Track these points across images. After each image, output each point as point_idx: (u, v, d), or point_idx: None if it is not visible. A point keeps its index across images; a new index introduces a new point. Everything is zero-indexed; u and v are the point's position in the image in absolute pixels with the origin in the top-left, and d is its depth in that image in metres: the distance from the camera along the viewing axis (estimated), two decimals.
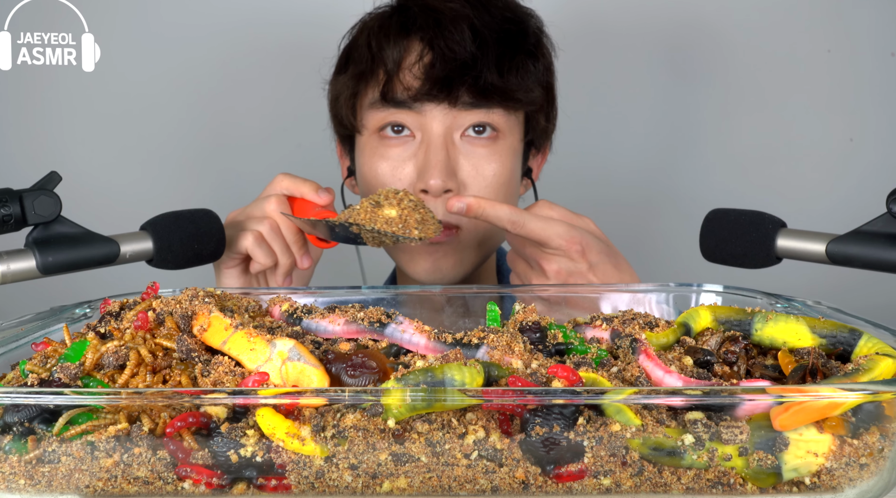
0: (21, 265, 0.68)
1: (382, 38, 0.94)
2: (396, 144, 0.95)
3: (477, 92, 0.91)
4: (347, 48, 1.00)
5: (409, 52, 0.93)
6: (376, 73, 0.94)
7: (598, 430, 0.46)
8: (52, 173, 0.71)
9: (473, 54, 0.90)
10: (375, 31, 0.96)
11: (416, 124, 0.94)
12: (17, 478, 0.48)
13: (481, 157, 0.94)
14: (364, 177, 0.98)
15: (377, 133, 0.96)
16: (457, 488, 0.48)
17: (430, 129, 0.93)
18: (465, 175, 0.93)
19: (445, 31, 0.91)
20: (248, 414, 0.47)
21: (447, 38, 0.91)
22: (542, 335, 0.57)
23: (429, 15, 0.93)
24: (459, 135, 0.94)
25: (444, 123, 0.93)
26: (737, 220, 0.76)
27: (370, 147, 0.97)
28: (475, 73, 0.90)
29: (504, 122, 0.95)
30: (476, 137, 0.94)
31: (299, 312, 0.62)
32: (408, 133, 0.94)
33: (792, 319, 0.58)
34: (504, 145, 0.95)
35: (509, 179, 0.96)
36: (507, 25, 0.94)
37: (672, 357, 0.55)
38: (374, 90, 0.95)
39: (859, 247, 0.67)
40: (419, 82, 0.91)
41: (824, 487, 0.47)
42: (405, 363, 0.53)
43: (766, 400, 0.46)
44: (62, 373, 0.52)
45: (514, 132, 0.97)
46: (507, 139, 0.95)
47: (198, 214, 0.80)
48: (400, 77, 0.92)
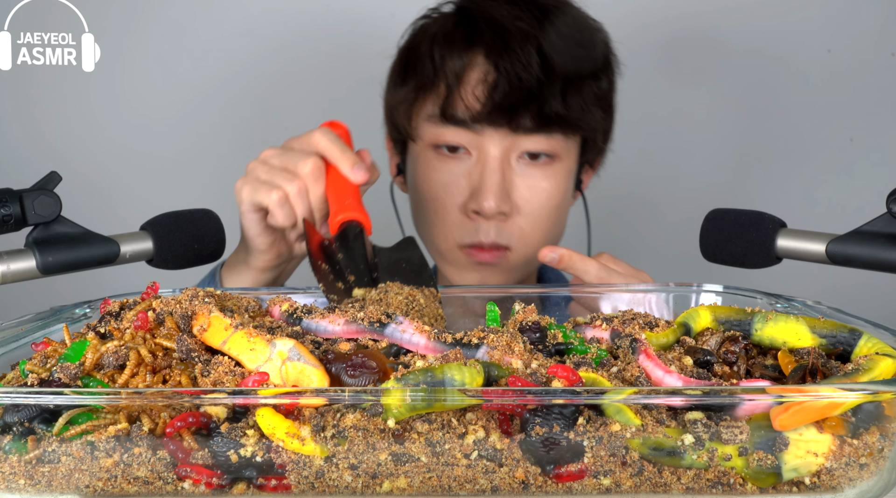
0: (21, 265, 0.68)
1: (446, 50, 0.91)
2: (452, 160, 0.93)
3: (540, 120, 0.89)
4: (406, 50, 0.96)
5: (471, 66, 0.90)
6: (437, 86, 0.91)
7: (597, 430, 0.46)
8: (52, 173, 0.70)
9: (539, 80, 0.87)
10: (439, 40, 0.92)
11: (473, 143, 0.91)
12: (17, 478, 0.48)
13: (537, 179, 0.92)
14: (416, 187, 0.97)
15: (433, 147, 0.94)
16: (457, 488, 0.48)
17: (487, 151, 0.90)
18: (518, 197, 0.92)
19: (512, 52, 0.88)
20: (248, 414, 0.47)
21: (513, 60, 0.87)
22: (542, 335, 0.57)
23: (496, 31, 0.89)
24: (516, 157, 0.92)
25: (501, 145, 0.90)
26: (737, 220, 0.76)
27: (424, 159, 0.95)
28: (540, 101, 0.87)
29: (562, 147, 0.93)
30: (532, 161, 0.92)
31: (299, 312, 0.62)
32: (463, 150, 0.92)
33: (792, 319, 0.58)
34: (560, 168, 0.93)
35: (562, 201, 0.95)
36: (576, 49, 0.91)
37: (672, 357, 0.55)
38: (434, 104, 0.92)
39: (859, 247, 0.67)
40: (480, 105, 0.88)
41: (824, 487, 0.47)
42: (405, 363, 0.53)
43: (766, 400, 0.46)
44: (62, 373, 0.52)
45: (570, 155, 0.95)
46: (564, 162, 0.94)
47: (198, 214, 0.80)
48: (461, 94, 0.89)
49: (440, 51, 0.91)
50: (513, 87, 0.87)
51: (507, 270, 0.96)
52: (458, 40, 0.90)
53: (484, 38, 0.89)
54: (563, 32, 0.90)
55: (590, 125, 0.93)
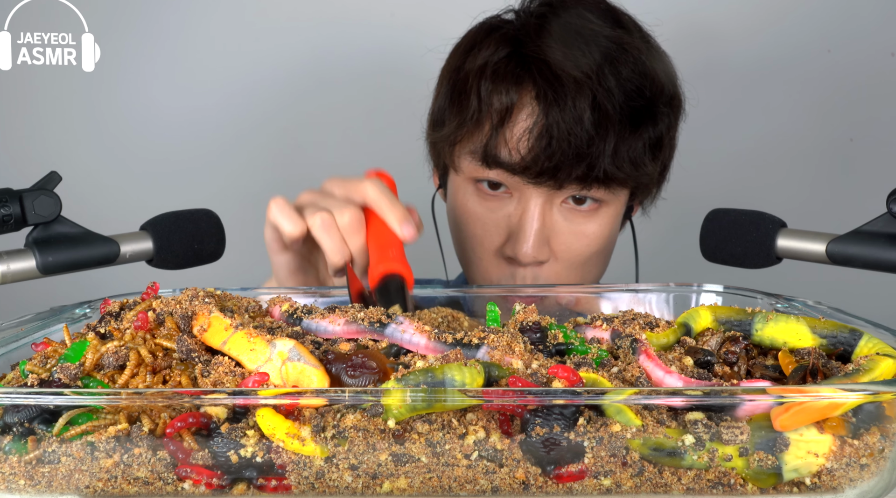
0: (21, 265, 0.68)
1: (492, 84, 0.83)
2: (492, 198, 0.88)
3: (585, 179, 0.82)
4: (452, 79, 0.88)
5: (519, 107, 0.82)
6: (482, 124, 0.84)
7: (598, 430, 0.46)
8: (52, 173, 0.70)
9: (590, 137, 0.80)
10: (488, 74, 0.84)
11: (516, 185, 0.86)
12: (17, 478, 0.48)
13: (580, 225, 0.86)
14: (455, 219, 0.92)
15: (473, 181, 0.89)
16: (457, 489, 0.48)
17: (529, 197, 0.85)
18: (557, 245, 0.87)
19: (563, 102, 0.80)
20: (248, 414, 0.47)
21: (563, 112, 0.79)
22: (542, 335, 0.57)
23: (548, 73, 0.81)
24: (560, 202, 0.86)
25: (543, 194, 0.85)
26: (737, 220, 0.76)
27: (464, 192, 0.90)
28: (588, 161, 0.80)
29: (609, 195, 0.86)
30: (576, 206, 0.86)
31: (299, 312, 0.62)
32: (504, 189, 0.87)
33: (792, 319, 0.58)
34: (606, 213, 0.88)
35: (605, 246, 0.89)
36: (634, 101, 0.82)
37: (672, 357, 0.55)
38: (476, 141, 0.85)
39: (859, 247, 0.67)
40: (522, 155, 0.82)
41: (825, 487, 0.47)
42: (405, 363, 0.53)
43: (766, 400, 0.46)
44: (62, 373, 0.52)
45: (618, 201, 0.88)
46: (610, 209, 0.88)
47: (198, 214, 0.80)
48: (506, 137, 0.83)
49: (487, 85, 0.83)
50: (560, 143, 0.80)
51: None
52: (507, 77, 0.83)
53: (535, 78, 0.82)
54: (622, 78, 0.81)
55: (640, 180, 0.86)
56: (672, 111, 0.88)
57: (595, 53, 0.81)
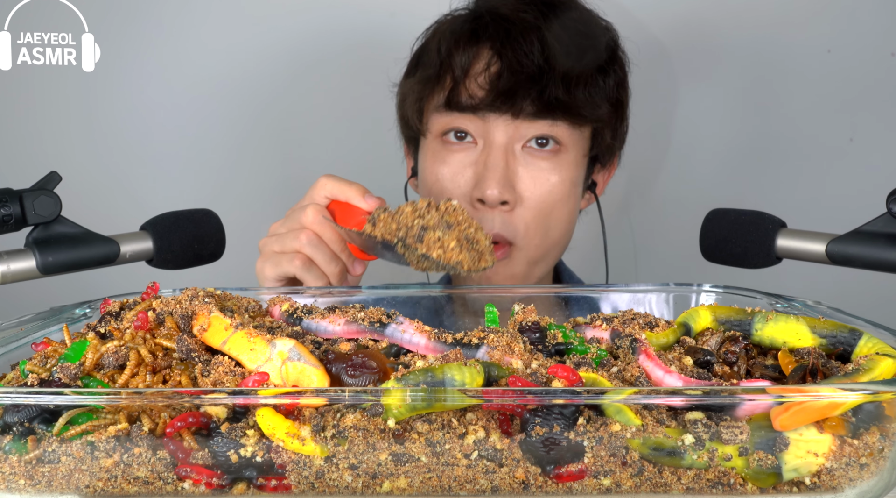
0: (21, 265, 0.68)
1: (452, 44, 0.93)
2: (458, 150, 0.94)
3: (541, 105, 0.90)
4: (419, 51, 1.00)
5: (477, 59, 0.92)
6: (443, 79, 0.94)
7: (598, 430, 0.46)
8: (52, 173, 0.71)
9: (540, 67, 0.89)
10: (447, 36, 0.95)
11: (479, 131, 0.93)
12: (17, 478, 0.48)
13: (542, 170, 0.92)
14: (425, 180, 0.98)
15: (440, 138, 0.95)
16: (457, 488, 0.48)
17: (493, 138, 0.92)
18: (522, 187, 0.92)
19: (514, 41, 0.90)
20: (248, 414, 0.47)
21: (515, 48, 0.90)
22: (541, 335, 0.57)
23: (500, 24, 0.92)
24: (521, 146, 0.92)
25: (506, 133, 0.91)
26: (737, 220, 0.76)
27: (432, 151, 0.96)
28: (540, 86, 0.89)
29: (568, 136, 0.93)
30: (538, 150, 0.93)
31: (299, 312, 0.62)
32: (470, 140, 0.93)
33: (792, 319, 0.58)
34: (566, 159, 0.94)
35: (568, 194, 0.95)
36: (579, 39, 0.93)
37: (672, 357, 0.55)
38: (440, 95, 0.94)
39: (859, 247, 0.67)
40: (484, 92, 0.91)
41: (824, 487, 0.47)
42: (405, 363, 0.53)
43: (766, 400, 0.46)
44: (62, 373, 0.52)
45: (577, 146, 0.95)
46: (570, 153, 0.94)
47: (198, 214, 0.80)
48: (466, 84, 0.92)
49: (447, 45, 0.93)
50: (514, 74, 0.89)
51: (510, 268, 0.95)
52: (464, 35, 0.93)
53: (489, 31, 0.92)
54: (566, 25, 0.93)
55: (595, 115, 0.93)
56: (617, 71, 0.97)
57: (542, 5, 0.94)
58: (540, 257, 0.96)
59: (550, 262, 0.99)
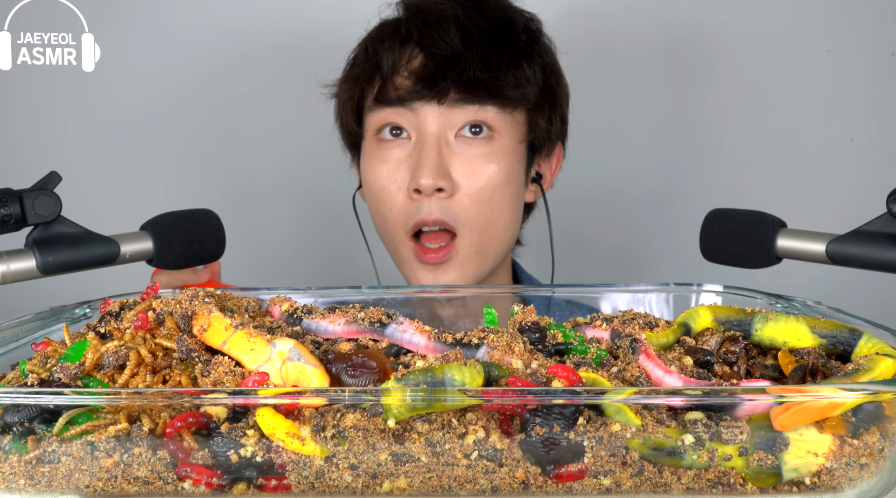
0: (21, 265, 0.68)
1: (379, 44, 0.96)
2: (393, 147, 0.95)
3: (463, 87, 0.91)
4: (352, 58, 1.02)
5: (403, 56, 0.95)
6: (373, 78, 0.96)
7: (598, 430, 0.46)
8: (52, 173, 0.70)
9: (459, 51, 0.91)
10: (374, 38, 0.98)
11: (412, 124, 0.94)
12: (17, 478, 0.48)
13: (475, 157, 0.93)
14: (365, 180, 0.98)
15: (376, 137, 0.96)
16: (457, 488, 0.48)
17: (424, 129, 0.93)
18: (458, 175, 0.92)
19: (433, 30, 0.93)
20: (248, 414, 0.47)
21: (434, 36, 0.92)
22: (541, 335, 0.57)
23: (419, 17, 0.95)
24: (454, 135, 0.93)
25: (437, 122, 0.93)
26: (737, 220, 0.76)
27: (370, 151, 0.97)
28: (460, 68, 0.91)
29: (499, 122, 0.94)
30: (471, 137, 0.93)
31: (299, 312, 0.62)
32: (405, 135, 0.94)
33: (792, 319, 0.58)
34: (500, 145, 0.94)
35: (506, 181, 0.95)
36: (497, 24, 0.95)
37: (672, 357, 0.55)
38: (372, 95, 0.96)
39: (859, 247, 0.67)
40: (409, 82, 0.92)
41: (824, 487, 0.47)
42: (405, 363, 0.53)
43: (766, 400, 0.46)
44: (62, 373, 0.52)
45: (510, 132, 0.95)
46: (504, 139, 0.94)
47: (198, 214, 0.80)
48: (393, 79, 0.94)
49: (374, 47, 0.96)
50: (434, 59, 0.92)
51: (458, 264, 0.94)
52: (389, 35, 0.96)
53: (412, 27, 0.95)
54: (485, 13, 0.95)
55: (519, 95, 0.94)
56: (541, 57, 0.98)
57: None
58: (488, 248, 0.95)
59: (500, 253, 0.98)
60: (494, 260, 0.98)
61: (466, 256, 0.94)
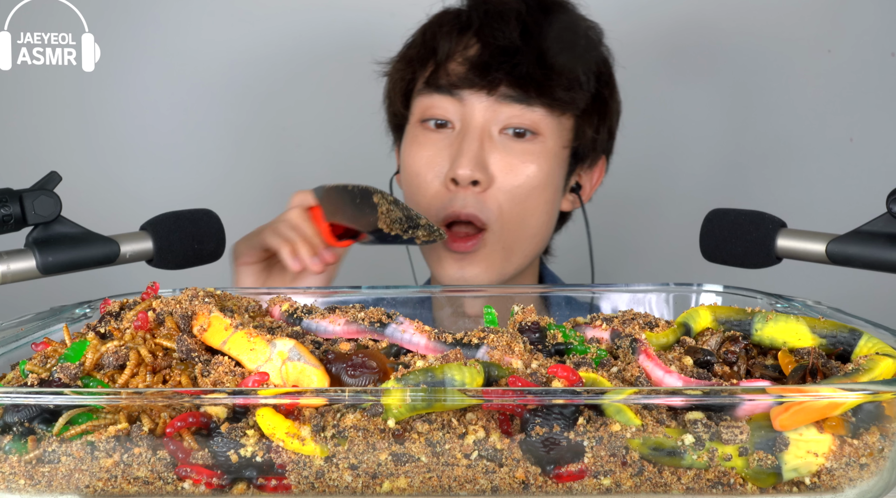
0: (21, 265, 0.67)
1: (437, 29, 0.96)
2: (437, 135, 0.94)
3: (514, 81, 0.90)
4: (409, 42, 1.02)
5: (459, 44, 0.94)
6: (427, 62, 0.96)
7: (598, 430, 0.46)
8: (52, 173, 0.70)
9: (516, 45, 0.91)
10: (433, 24, 0.98)
11: (458, 114, 0.93)
12: (17, 478, 0.48)
13: (516, 154, 0.92)
14: (403, 164, 0.98)
15: (420, 124, 0.96)
16: (457, 488, 0.48)
17: (470, 120, 0.92)
18: (496, 169, 0.92)
19: (494, 21, 0.93)
20: (248, 414, 0.47)
21: (493, 27, 0.92)
22: (541, 335, 0.57)
23: (482, 8, 0.95)
24: (498, 130, 0.93)
25: (483, 114, 0.92)
26: (737, 220, 0.76)
27: (412, 135, 0.97)
28: (514, 61, 0.90)
29: (545, 124, 0.93)
30: (515, 138, 0.93)
31: (299, 312, 0.62)
32: (450, 125, 0.94)
33: (792, 319, 0.58)
34: (543, 146, 0.93)
35: (544, 183, 0.94)
36: (558, 25, 0.95)
37: (672, 357, 0.55)
38: (423, 78, 0.96)
39: (859, 247, 0.67)
40: (462, 70, 0.92)
41: (824, 487, 0.47)
42: (405, 363, 0.53)
43: (766, 400, 0.46)
44: (62, 373, 0.52)
45: (555, 135, 0.94)
46: (548, 141, 0.94)
47: (198, 214, 0.79)
48: (447, 65, 0.94)
49: (432, 31, 0.97)
50: (489, 49, 0.91)
51: (484, 257, 0.93)
52: (449, 22, 0.96)
53: (473, 18, 0.95)
54: (546, 12, 0.95)
55: (571, 100, 0.93)
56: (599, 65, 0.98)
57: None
58: (516, 247, 0.95)
59: (528, 255, 0.98)
60: (521, 261, 0.97)
61: (493, 251, 0.94)
